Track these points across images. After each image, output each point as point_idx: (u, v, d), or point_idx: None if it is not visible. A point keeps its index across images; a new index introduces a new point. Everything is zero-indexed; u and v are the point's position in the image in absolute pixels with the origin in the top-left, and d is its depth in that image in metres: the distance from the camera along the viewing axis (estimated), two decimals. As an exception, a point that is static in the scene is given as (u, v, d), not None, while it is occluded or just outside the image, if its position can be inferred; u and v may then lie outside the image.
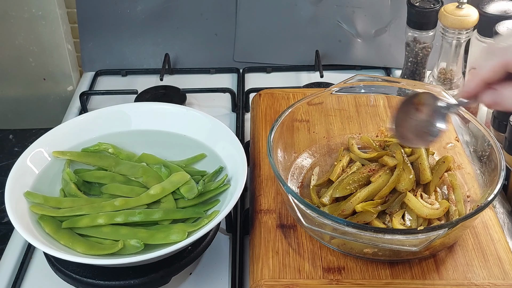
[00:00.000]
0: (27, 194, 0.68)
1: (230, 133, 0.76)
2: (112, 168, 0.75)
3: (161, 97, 1.03)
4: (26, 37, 1.19)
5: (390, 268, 0.64)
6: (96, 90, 1.10)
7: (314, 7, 1.13)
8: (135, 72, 1.16)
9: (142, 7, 1.14)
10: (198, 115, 0.79)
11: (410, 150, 0.73)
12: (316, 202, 0.70)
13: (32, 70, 1.24)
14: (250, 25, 1.14)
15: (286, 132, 0.76)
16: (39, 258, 0.75)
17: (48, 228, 0.66)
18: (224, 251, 0.75)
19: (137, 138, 0.80)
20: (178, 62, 1.16)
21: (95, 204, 0.69)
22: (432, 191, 0.70)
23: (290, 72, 1.14)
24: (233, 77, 1.14)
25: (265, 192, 0.74)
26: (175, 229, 0.65)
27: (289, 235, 0.68)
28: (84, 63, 1.18)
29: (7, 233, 0.82)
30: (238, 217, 0.79)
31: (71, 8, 1.19)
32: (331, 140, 0.82)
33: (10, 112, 1.31)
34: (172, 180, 0.71)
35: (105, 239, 0.66)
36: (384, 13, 1.12)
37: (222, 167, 0.74)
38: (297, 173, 0.77)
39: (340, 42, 1.14)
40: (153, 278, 0.64)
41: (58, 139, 0.76)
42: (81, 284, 0.64)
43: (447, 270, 0.64)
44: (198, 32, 1.16)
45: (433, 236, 0.59)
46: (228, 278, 0.72)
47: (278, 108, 0.89)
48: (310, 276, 0.63)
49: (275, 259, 0.65)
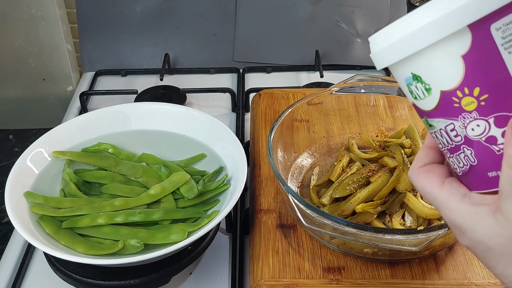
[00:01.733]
0: (27, 194, 0.68)
1: (230, 133, 0.76)
2: (112, 168, 0.75)
3: (161, 97, 1.03)
4: (26, 37, 1.19)
5: (390, 268, 0.64)
6: (96, 90, 1.10)
7: (313, 7, 1.13)
8: (135, 72, 1.16)
9: (141, 7, 1.14)
10: (198, 115, 0.79)
11: (410, 150, 0.73)
12: (316, 202, 0.70)
13: (32, 71, 1.24)
14: (250, 25, 1.15)
15: (286, 132, 0.76)
16: (39, 258, 0.75)
17: (48, 228, 0.65)
18: (224, 251, 0.75)
19: (137, 138, 0.80)
20: (178, 62, 1.16)
21: (95, 204, 0.68)
22: (432, 191, 0.70)
23: (290, 72, 1.15)
24: (233, 77, 1.14)
25: (265, 192, 0.74)
26: (175, 229, 0.65)
27: (289, 235, 0.68)
28: (84, 63, 1.18)
29: (7, 233, 0.82)
30: (238, 217, 0.79)
31: (71, 9, 1.19)
32: (331, 140, 0.82)
33: (10, 112, 1.31)
34: (172, 180, 0.71)
35: (105, 239, 0.66)
36: (384, 12, 1.12)
37: (222, 167, 0.74)
38: (297, 173, 0.77)
39: (340, 42, 1.14)
40: (153, 278, 0.64)
41: (58, 139, 0.76)
42: (81, 284, 0.64)
43: (447, 269, 0.64)
44: (198, 32, 1.16)
45: (433, 236, 0.59)
46: (228, 278, 0.72)
47: (278, 108, 0.89)
48: (310, 275, 0.63)
49: (275, 259, 0.65)
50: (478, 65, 0.36)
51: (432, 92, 0.38)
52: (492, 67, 0.35)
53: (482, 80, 0.36)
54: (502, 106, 0.36)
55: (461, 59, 0.36)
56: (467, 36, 0.35)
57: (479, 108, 0.37)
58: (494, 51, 0.35)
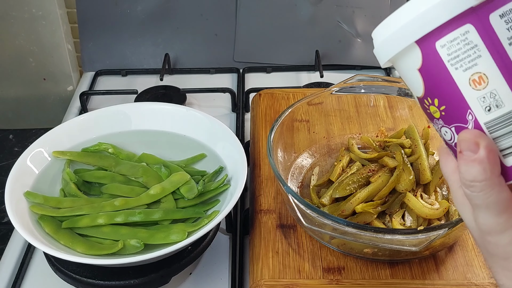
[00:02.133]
0: (27, 194, 0.68)
1: (230, 133, 0.76)
2: (112, 168, 0.75)
3: (161, 97, 1.03)
4: (26, 37, 1.19)
5: (390, 268, 0.64)
6: (96, 90, 1.10)
7: (314, 7, 1.13)
8: (135, 72, 1.16)
9: (142, 7, 1.14)
10: (198, 115, 0.79)
11: (410, 150, 0.73)
12: (316, 202, 0.70)
13: (32, 70, 1.24)
14: (250, 25, 1.14)
15: (286, 132, 0.76)
16: (39, 258, 0.75)
17: (48, 228, 0.65)
18: (224, 251, 0.75)
19: (137, 138, 0.80)
20: (178, 62, 1.16)
21: (95, 204, 0.68)
22: (432, 191, 0.70)
23: (290, 72, 1.14)
24: (233, 77, 1.14)
25: (265, 192, 0.74)
26: (175, 229, 0.65)
27: (289, 235, 0.68)
28: (84, 63, 1.18)
29: (7, 233, 0.82)
30: (238, 217, 0.79)
31: (71, 8, 1.19)
32: (331, 140, 0.82)
33: (10, 112, 1.31)
34: (172, 180, 0.71)
35: (105, 239, 0.66)
36: (384, 13, 1.12)
37: (222, 167, 0.74)
38: (297, 173, 0.77)
39: (340, 42, 1.14)
40: (153, 278, 0.64)
41: (58, 139, 0.76)
42: (81, 284, 0.64)
43: (447, 270, 0.64)
44: (198, 32, 1.16)
45: (433, 236, 0.58)
46: (228, 278, 0.72)
47: (278, 108, 0.89)
48: (310, 276, 0.63)
49: (275, 259, 0.65)
50: (432, 78, 0.37)
51: (413, 95, 0.40)
52: (443, 81, 0.37)
53: (437, 92, 0.38)
54: (458, 118, 0.38)
55: (418, 72, 0.38)
56: (418, 51, 0.37)
57: (442, 117, 0.38)
58: (441, 66, 0.37)
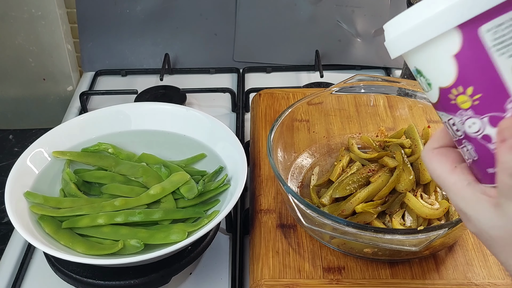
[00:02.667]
0: (27, 194, 0.68)
1: (230, 133, 0.76)
2: (112, 168, 0.75)
3: (161, 97, 1.03)
4: (26, 37, 1.19)
5: (390, 268, 0.64)
6: (96, 90, 1.10)
7: (314, 7, 1.13)
8: (135, 72, 1.16)
9: (141, 7, 1.14)
10: (198, 115, 0.79)
11: (410, 150, 0.73)
12: (316, 202, 0.70)
13: (32, 70, 1.24)
14: (250, 25, 1.14)
15: (286, 132, 0.76)
16: (39, 258, 0.75)
17: (48, 228, 0.65)
18: (224, 251, 0.75)
19: (137, 138, 0.80)
20: (178, 62, 1.16)
21: (95, 204, 0.68)
22: (432, 191, 0.70)
23: (290, 72, 1.14)
24: (233, 77, 1.14)
25: (265, 192, 0.74)
26: (175, 229, 0.65)
27: (289, 235, 0.68)
28: (84, 63, 1.18)
29: (7, 233, 0.82)
30: (238, 217, 0.79)
31: (71, 8, 1.19)
32: (331, 140, 0.82)
33: (10, 112, 1.31)
34: (172, 180, 0.71)
35: (105, 239, 0.66)
36: (384, 12, 1.12)
37: (222, 167, 0.74)
38: (297, 173, 0.77)
39: (340, 42, 1.14)
40: (153, 278, 0.64)
41: (58, 139, 0.76)
42: (81, 284, 0.64)
43: (447, 269, 0.64)
44: (198, 32, 1.16)
45: (433, 236, 0.58)
46: (228, 278, 0.72)
47: (278, 108, 0.89)
48: (310, 276, 0.63)
49: (275, 259, 0.65)
50: (470, 65, 0.36)
51: (432, 87, 0.39)
52: (483, 68, 0.36)
53: (474, 79, 0.36)
54: (495, 107, 0.36)
55: (453, 59, 0.36)
56: (458, 37, 0.36)
57: (473, 107, 0.37)
58: (484, 52, 0.35)
